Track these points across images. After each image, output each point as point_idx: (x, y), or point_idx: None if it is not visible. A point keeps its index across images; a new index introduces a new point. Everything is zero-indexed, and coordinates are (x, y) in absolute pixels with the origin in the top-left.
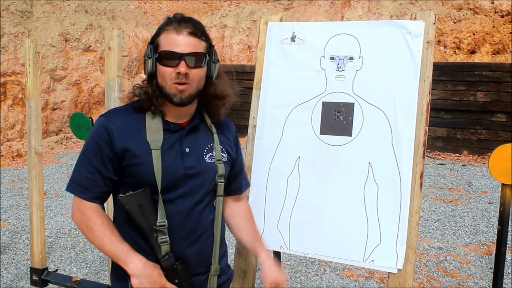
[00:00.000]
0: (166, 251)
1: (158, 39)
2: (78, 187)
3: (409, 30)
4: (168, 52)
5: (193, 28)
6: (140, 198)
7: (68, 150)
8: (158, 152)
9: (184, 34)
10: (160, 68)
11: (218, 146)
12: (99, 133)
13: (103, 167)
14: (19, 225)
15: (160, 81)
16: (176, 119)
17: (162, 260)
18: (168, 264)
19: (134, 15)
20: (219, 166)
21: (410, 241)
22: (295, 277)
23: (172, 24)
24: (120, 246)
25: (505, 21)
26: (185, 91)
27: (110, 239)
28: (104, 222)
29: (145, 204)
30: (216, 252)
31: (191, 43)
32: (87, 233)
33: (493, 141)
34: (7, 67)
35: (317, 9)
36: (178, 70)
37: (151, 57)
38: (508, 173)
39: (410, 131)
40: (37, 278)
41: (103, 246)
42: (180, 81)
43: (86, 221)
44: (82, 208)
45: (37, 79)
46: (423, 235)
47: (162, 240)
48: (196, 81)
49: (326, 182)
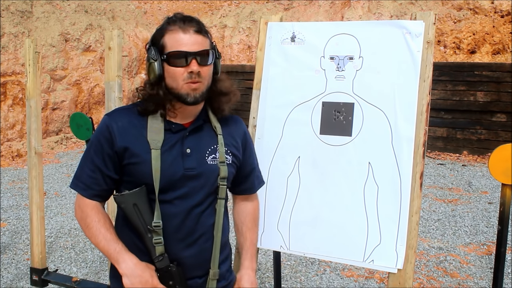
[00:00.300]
0: (160, 252)
1: (162, 40)
2: (80, 184)
3: (409, 30)
4: (178, 52)
5: (198, 25)
6: (135, 197)
7: (68, 150)
8: (157, 152)
9: (191, 33)
10: (169, 69)
11: (222, 148)
12: (101, 132)
13: (104, 166)
14: (19, 225)
15: (170, 82)
16: (181, 119)
17: (156, 261)
18: (162, 266)
19: (134, 15)
20: (222, 169)
21: (410, 241)
22: (295, 277)
23: (176, 24)
24: (114, 244)
25: (505, 21)
26: (198, 89)
27: (104, 237)
28: (101, 220)
29: (141, 204)
30: (215, 256)
31: (199, 41)
32: (85, 230)
33: (493, 141)
34: (7, 67)
35: (317, 9)
36: (191, 69)
37: (157, 59)
38: (508, 173)
39: (410, 131)
40: (37, 278)
41: (97, 244)
42: (193, 80)
43: (85, 218)
44: (82, 205)
45: (37, 79)
46: (423, 235)
47: (156, 241)
48: (207, 78)
49: (326, 182)
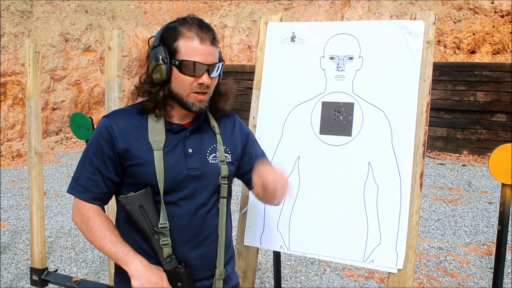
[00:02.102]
0: (168, 253)
1: (176, 44)
2: (78, 187)
3: (409, 30)
4: (194, 62)
5: (213, 35)
6: (141, 199)
7: (68, 150)
8: (160, 153)
9: (208, 44)
10: (179, 76)
11: (222, 147)
12: (101, 133)
13: (104, 168)
14: (19, 225)
15: (176, 87)
16: (180, 120)
17: (164, 263)
18: (170, 267)
19: (134, 15)
20: (223, 167)
21: (410, 241)
22: (295, 277)
23: (193, 30)
24: (121, 247)
25: (505, 21)
26: (204, 101)
27: (110, 239)
28: (104, 223)
29: (146, 206)
30: (220, 256)
31: (213, 53)
32: (87, 234)
33: (493, 141)
34: (7, 67)
35: (317, 9)
36: (202, 81)
37: (167, 63)
38: (508, 173)
39: (410, 131)
40: (37, 278)
41: (103, 247)
42: (201, 90)
43: (86, 221)
44: (81, 209)
45: (37, 79)
46: (423, 235)
47: (163, 243)
48: (213, 88)
49: (326, 182)
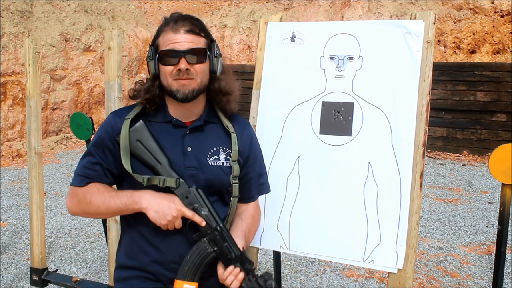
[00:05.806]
0: (175, 179)
1: (157, 40)
2: (77, 177)
3: (409, 30)
4: (167, 50)
5: (191, 25)
6: (136, 134)
7: (68, 150)
8: (127, 122)
9: (182, 32)
10: (161, 68)
11: (236, 146)
12: (104, 127)
13: (104, 159)
14: (19, 225)
15: (163, 80)
16: (182, 118)
17: (174, 189)
18: (182, 191)
19: (134, 15)
20: (234, 167)
21: (410, 241)
22: (295, 277)
23: (169, 24)
24: (123, 194)
25: (505, 21)
26: (188, 85)
27: (111, 196)
28: (100, 188)
29: (144, 139)
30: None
31: (189, 40)
32: (88, 206)
33: (493, 141)
34: (7, 67)
35: (317, 9)
36: (179, 67)
37: (153, 59)
38: (508, 173)
39: (410, 131)
40: (37, 278)
41: (109, 207)
42: (181, 77)
43: (83, 198)
44: (75, 193)
45: (37, 79)
46: (423, 235)
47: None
48: (200, 76)
49: (326, 182)
